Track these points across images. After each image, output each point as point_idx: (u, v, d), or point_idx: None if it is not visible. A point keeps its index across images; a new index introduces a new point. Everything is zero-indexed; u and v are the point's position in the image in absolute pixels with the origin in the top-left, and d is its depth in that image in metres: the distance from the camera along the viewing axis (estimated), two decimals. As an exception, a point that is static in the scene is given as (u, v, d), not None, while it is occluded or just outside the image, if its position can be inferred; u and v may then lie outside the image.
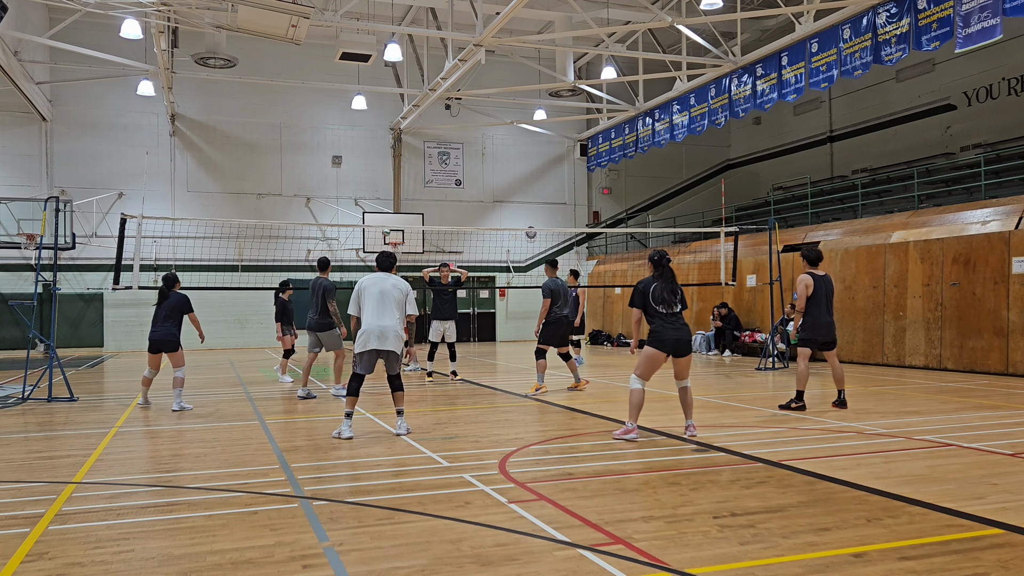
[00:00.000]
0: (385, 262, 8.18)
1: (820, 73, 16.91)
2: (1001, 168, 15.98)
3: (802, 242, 17.88)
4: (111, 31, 20.16)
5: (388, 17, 22.57)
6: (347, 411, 7.69)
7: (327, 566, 3.96)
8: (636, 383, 7.44)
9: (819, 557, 4.00)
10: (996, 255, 13.20)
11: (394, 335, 7.74)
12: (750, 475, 5.80)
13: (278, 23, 14.90)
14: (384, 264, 8.16)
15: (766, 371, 14.14)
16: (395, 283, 7.94)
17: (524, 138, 27.48)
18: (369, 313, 7.75)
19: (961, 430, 7.71)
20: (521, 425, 8.54)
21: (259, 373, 14.97)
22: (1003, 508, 4.83)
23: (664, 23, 18.25)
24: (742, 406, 9.63)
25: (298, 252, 24.78)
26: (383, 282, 7.89)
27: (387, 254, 8.21)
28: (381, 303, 7.77)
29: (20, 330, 21.34)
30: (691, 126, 21.63)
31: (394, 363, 7.91)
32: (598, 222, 28.40)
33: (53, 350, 11.18)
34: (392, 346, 7.74)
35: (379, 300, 7.78)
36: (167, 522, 4.82)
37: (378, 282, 7.90)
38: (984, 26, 13.01)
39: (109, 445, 7.49)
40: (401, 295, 7.91)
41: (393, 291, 7.87)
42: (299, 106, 25.08)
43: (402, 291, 7.94)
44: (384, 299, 7.78)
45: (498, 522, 4.66)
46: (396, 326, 7.77)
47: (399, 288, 7.92)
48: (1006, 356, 12.93)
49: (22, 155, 22.61)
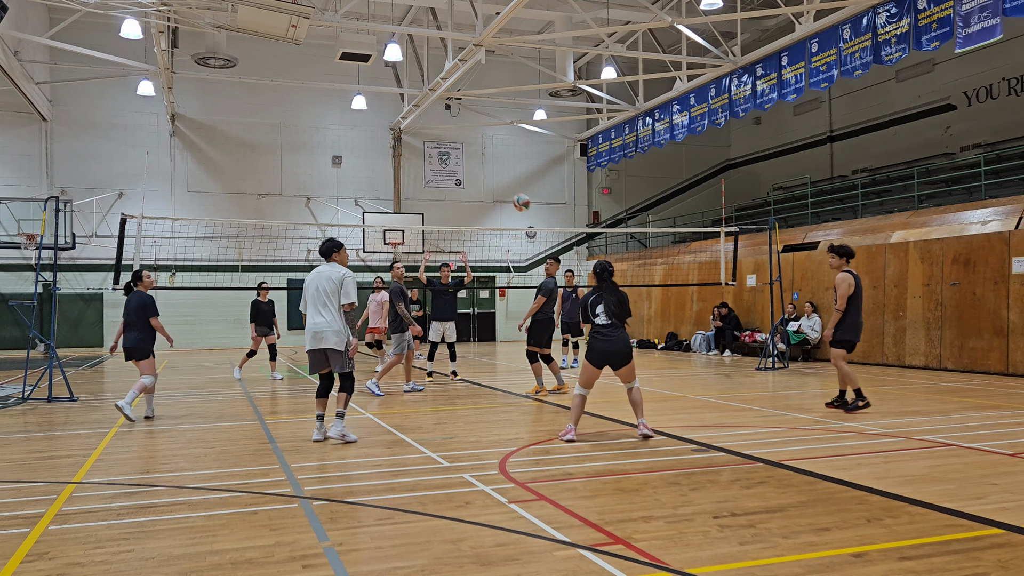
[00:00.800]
0: (323, 248, 7.69)
1: (820, 73, 16.91)
2: (1001, 168, 15.98)
3: (802, 242, 17.89)
4: (111, 31, 20.16)
5: (388, 17, 22.57)
6: (317, 413, 7.59)
7: (327, 566, 3.96)
8: (577, 389, 7.55)
9: (819, 557, 4.00)
10: (996, 255, 13.20)
11: (331, 332, 7.36)
12: (750, 475, 5.80)
13: (278, 23, 14.90)
14: (323, 251, 7.70)
15: (766, 371, 14.14)
16: (329, 274, 7.46)
17: (524, 138, 27.48)
18: (308, 311, 7.47)
19: (961, 430, 7.71)
20: (521, 425, 8.53)
21: (259, 373, 14.97)
22: (1003, 508, 4.83)
23: (664, 23, 18.25)
24: (742, 406, 9.63)
25: (298, 252, 24.78)
26: (319, 276, 7.50)
27: (328, 240, 7.71)
28: (315, 299, 7.42)
29: (20, 330, 21.34)
30: (691, 126, 21.63)
31: (337, 361, 7.50)
32: (598, 222, 28.40)
33: (53, 350, 11.18)
34: (328, 344, 7.38)
35: (314, 296, 7.43)
36: (167, 522, 4.82)
37: (315, 277, 7.52)
38: (984, 26, 13.01)
39: (109, 445, 7.49)
40: (334, 285, 7.40)
41: (326, 284, 7.41)
42: (299, 106, 25.08)
43: (335, 281, 7.42)
44: (318, 294, 7.41)
45: (498, 522, 4.65)
46: (332, 323, 7.36)
47: (332, 279, 7.42)
48: (1006, 356, 12.93)
49: (22, 155, 22.61)
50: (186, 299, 22.98)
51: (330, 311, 7.38)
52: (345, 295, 7.40)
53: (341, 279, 7.42)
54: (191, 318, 23.33)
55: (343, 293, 7.40)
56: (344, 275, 7.46)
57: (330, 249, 7.65)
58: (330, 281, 7.40)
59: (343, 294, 7.40)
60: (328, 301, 7.37)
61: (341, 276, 7.44)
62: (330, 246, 7.65)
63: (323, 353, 7.47)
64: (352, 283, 7.47)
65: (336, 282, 7.40)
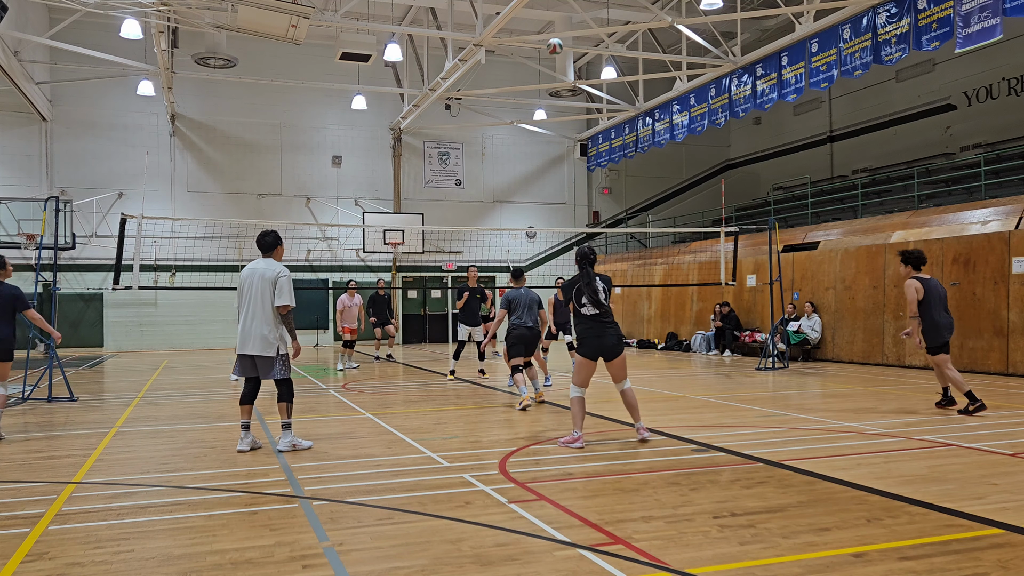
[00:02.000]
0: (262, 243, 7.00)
1: (820, 73, 16.91)
2: (1001, 168, 15.97)
3: (802, 242, 17.89)
4: (111, 31, 20.15)
5: (388, 17, 22.57)
6: (241, 422, 7.06)
7: (327, 566, 3.96)
8: (574, 391, 7.12)
9: (819, 557, 4.00)
10: (996, 255, 13.20)
11: (258, 337, 6.75)
12: (750, 475, 5.80)
13: (278, 23, 14.90)
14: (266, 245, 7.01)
15: (766, 371, 14.14)
16: (263, 272, 6.80)
17: (524, 138, 27.47)
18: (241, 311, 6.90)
19: (961, 430, 7.71)
20: (521, 425, 8.53)
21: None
22: (1003, 508, 4.83)
23: (664, 23, 18.24)
24: (742, 406, 9.63)
25: (298, 252, 24.77)
26: (252, 273, 6.86)
27: (264, 232, 7.01)
28: (248, 299, 6.81)
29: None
30: (691, 126, 21.63)
31: (266, 369, 6.87)
32: (598, 222, 28.40)
33: (53, 350, 11.18)
34: (255, 349, 6.79)
35: (247, 297, 6.83)
36: (167, 522, 4.82)
37: (249, 274, 6.89)
38: (984, 26, 13.00)
39: (109, 445, 7.49)
40: (267, 284, 6.76)
41: (259, 283, 6.77)
42: (299, 106, 25.07)
43: (268, 279, 6.76)
44: (252, 294, 6.79)
45: (498, 522, 4.65)
46: (261, 326, 6.76)
47: (265, 277, 6.77)
48: (1006, 356, 12.93)
49: (22, 155, 22.60)
50: (186, 299, 23.00)
51: (260, 314, 6.77)
52: (282, 296, 6.77)
53: (275, 278, 6.80)
54: (191, 318, 23.35)
55: (278, 293, 6.77)
56: (279, 274, 6.83)
57: (274, 243, 7.06)
58: (263, 280, 6.80)
59: (278, 294, 6.77)
60: (260, 302, 6.77)
61: (275, 275, 6.81)
62: (274, 240, 7.05)
63: (251, 359, 6.93)
64: (288, 283, 6.83)
65: (271, 280, 6.79)
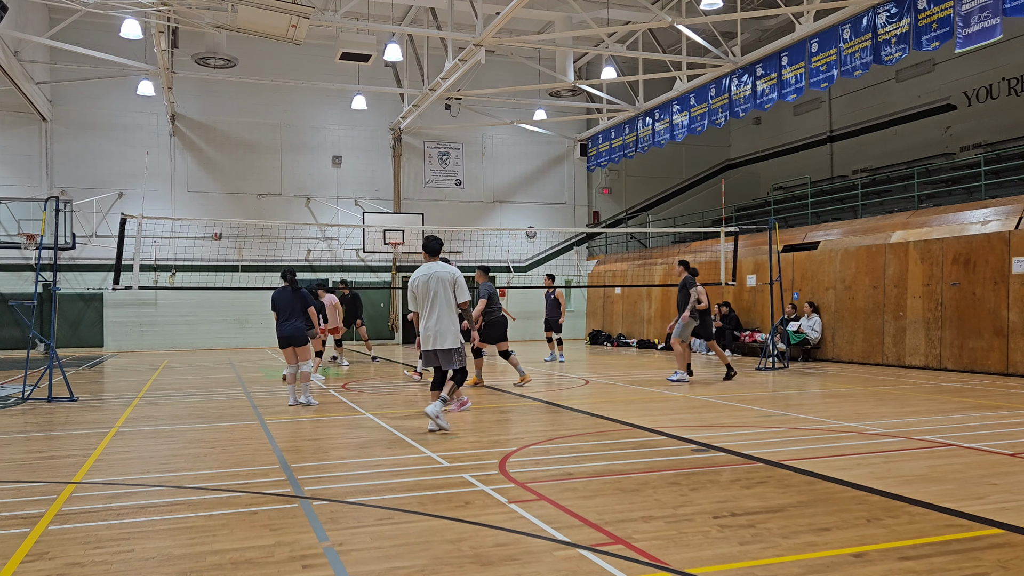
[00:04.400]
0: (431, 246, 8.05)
1: (820, 73, 16.91)
2: (1001, 168, 15.98)
3: (802, 242, 17.89)
4: (111, 31, 20.17)
5: (388, 17, 22.57)
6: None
7: (327, 566, 3.96)
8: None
9: (819, 557, 4.00)
10: (996, 255, 13.20)
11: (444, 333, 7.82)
12: (750, 475, 5.80)
13: (278, 23, 14.90)
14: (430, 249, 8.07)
15: (766, 371, 14.14)
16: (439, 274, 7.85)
17: (524, 138, 27.47)
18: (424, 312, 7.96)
19: (961, 430, 7.71)
20: (521, 425, 8.54)
21: (259, 373, 14.96)
22: (1003, 508, 4.83)
23: (664, 23, 18.24)
24: (742, 406, 9.63)
25: (298, 252, 24.78)
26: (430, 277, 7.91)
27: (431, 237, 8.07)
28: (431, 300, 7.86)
29: (20, 330, 21.34)
30: (691, 126, 21.63)
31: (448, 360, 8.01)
32: (598, 222, 28.40)
33: (53, 350, 11.18)
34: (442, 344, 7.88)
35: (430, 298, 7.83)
36: (167, 522, 4.82)
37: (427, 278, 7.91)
38: (984, 26, 13.01)
39: (109, 445, 7.49)
40: (448, 285, 7.84)
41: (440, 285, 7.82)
42: (299, 106, 25.07)
43: (447, 281, 7.85)
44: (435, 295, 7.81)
45: (498, 522, 4.65)
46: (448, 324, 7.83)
47: (444, 279, 7.84)
48: (1006, 356, 12.93)
49: (22, 155, 22.60)
50: (186, 299, 23.00)
51: (449, 311, 7.80)
52: (460, 293, 7.79)
53: (454, 279, 7.81)
54: (191, 318, 23.36)
55: (458, 292, 7.79)
56: (455, 275, 7.85)
57: (441, 246, 8.02)
58: (441, 281, 7.80)
59: (458, 293, 7.79)
60: (446, 300, 7.77)
61: (453, 276, 7.83)
62: (440, 244, 8.04)
63: (434, 352, 7.92)
64: (463, 281, 7.89)
65: (450, 283, 7.80)
